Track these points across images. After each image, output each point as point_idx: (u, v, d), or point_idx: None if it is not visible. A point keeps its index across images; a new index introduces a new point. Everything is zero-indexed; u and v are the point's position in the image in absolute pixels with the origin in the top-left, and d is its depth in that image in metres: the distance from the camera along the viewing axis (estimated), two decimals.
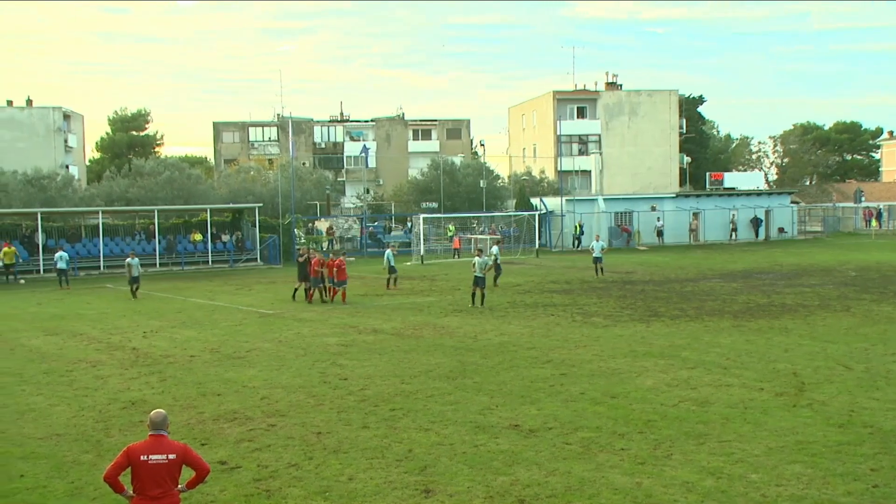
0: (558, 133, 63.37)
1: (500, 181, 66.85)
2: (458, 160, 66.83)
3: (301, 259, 27.26)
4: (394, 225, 58.45)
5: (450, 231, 51.98)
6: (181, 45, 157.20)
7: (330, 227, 52.91)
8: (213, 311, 24.23)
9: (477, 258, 24.33)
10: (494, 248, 31.09)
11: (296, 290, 26.86)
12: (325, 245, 51.14)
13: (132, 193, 51.35)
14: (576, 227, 51.04)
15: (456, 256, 45.71)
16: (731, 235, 53.36)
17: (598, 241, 32.79)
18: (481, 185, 58.85)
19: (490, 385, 13.20)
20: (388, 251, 30.22)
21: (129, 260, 29.10)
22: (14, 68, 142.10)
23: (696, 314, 20.71)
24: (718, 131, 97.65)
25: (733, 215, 53.77)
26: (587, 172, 70.35)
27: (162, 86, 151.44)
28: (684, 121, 73.47)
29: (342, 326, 20.33)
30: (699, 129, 79.08)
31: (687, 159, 73.92)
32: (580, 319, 20.42)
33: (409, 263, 35.61)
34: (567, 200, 52.39)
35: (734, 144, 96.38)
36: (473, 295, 23.82)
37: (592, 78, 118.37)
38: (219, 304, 26.38)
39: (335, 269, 25.97)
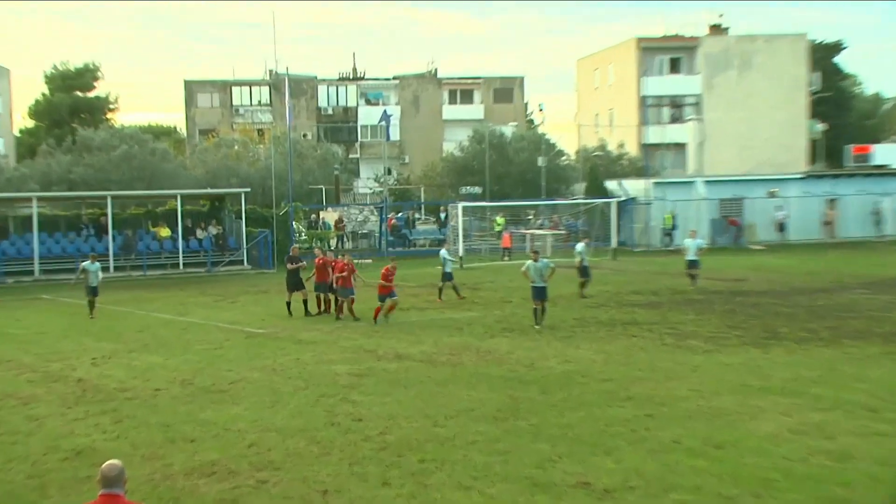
0: (643, 94, 63.16)
1: (564, 158, 66.82)
2: (508, 130, 67.09)
3: (291, 265, 28.04)
4: (423, 216, 58.91)
5: (497, 224, 52.15)
6: None
7: (339, 220, 53.50)
8: (185, 330, 24.77)
9: (531, 262, 24.34)
10: (580, 246, 31.25)
11: (289, 303, 27.82)
12: (332, 242, 51.66)
13: (77, 174, 52.30)
14: (666, 218, 51.06)
15: (506, 258, 46.00)
16: (879, 230, 52.53)
17: (693, 238, 32.62)
18: (539, 163, 59.07)
19: (551, 429, 13.36)
20: (443, 250, 31.25)
21: (85, 264, 28.81)
22: None
23: (832, 337, 20.73)
24: (864, 89, 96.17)
25: (880, 203, 52.74)
26: (682, 146, 70.09)
27: (117, 34, 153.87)
28: (817, 75, 72.50)
29: (355, 350, 20.76)
30: (837, 85, 77.86)
31: (820, 127, 72.71)
32: (672, 343, 20.64)
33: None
34: (655, 184, 52.32)
35: (888, 106, 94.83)
36: (536, 311, 23.94)
37: (690, 19, 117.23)
38: (192, 320, 26.98)
39: (384, 278, 25.99)
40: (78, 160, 53.83)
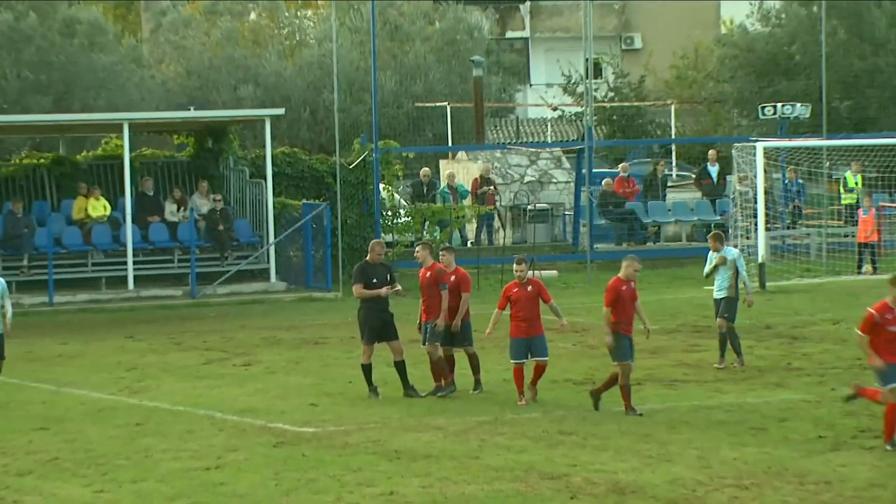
0: None
1: None
2: None
3: (367, 288, 27.97)
4: (674, 171, 59.36)
5: (846, 192, 51.02)
6: None
7: (484, 179, 53.97)
8: (142, 427, 25.28)
9: None
10: None
11: (367, 367, 28.40)
12: (468, 230, 52.53)
13: None
14: None
15: (866, 266, 46.22)
16: None
17: None
18: None
19: None
20: (731, 250, 31.36)
21: None
22: None
23: None
24: None
25: None
26: None
27: None
28: None
29: (520, 475, 20.71)
30: None
31: None
32: None
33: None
34: None
35: None
36: None
37: None
38: (157, 404, 27.72)
39: (523, 298, 26.76)
40: None
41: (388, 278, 28.21)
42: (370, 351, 27.88)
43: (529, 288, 26.92)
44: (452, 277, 27.93)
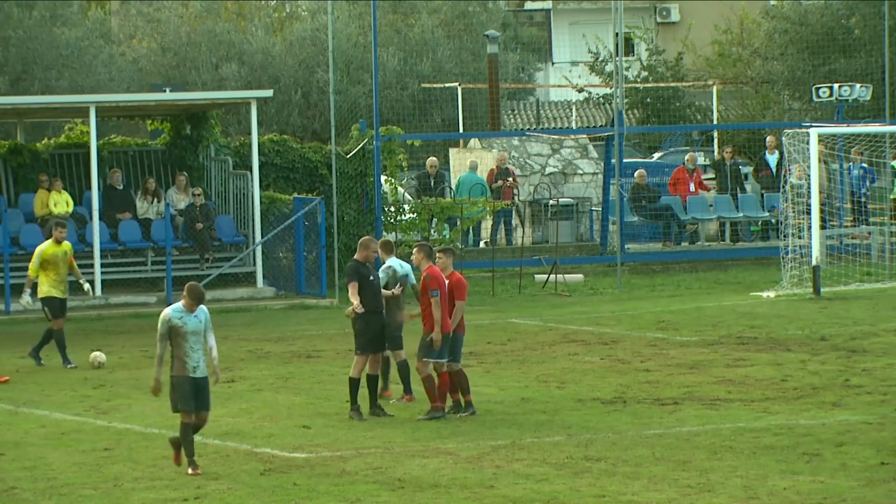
0: None
1: None
2: None
3: (356, 285, 27.83)
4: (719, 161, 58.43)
5: None
6: None
7: (501, 169, 53.88)
8: (112, 452, 25.26)
9: None
10: None
11: (355, 382, 28.28)
12: (484, 226, 52.19)
13: None
14: None
15: None
16: None
17: None
18: None
19: None
20: None
21: (173, 313, 25.41)
22: None
23: None
24: None
25: None
26: None
27: None
28: None
29: None
30: None
31: None
32: None
33: (769, 295, 34.90)
34: None
35: None
36: None
37: None
38: (127, 426, 27.85)
39: None
40: None
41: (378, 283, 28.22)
42: (362, 363, 27.75)
43: None
44: (446, 282, 27.48)
